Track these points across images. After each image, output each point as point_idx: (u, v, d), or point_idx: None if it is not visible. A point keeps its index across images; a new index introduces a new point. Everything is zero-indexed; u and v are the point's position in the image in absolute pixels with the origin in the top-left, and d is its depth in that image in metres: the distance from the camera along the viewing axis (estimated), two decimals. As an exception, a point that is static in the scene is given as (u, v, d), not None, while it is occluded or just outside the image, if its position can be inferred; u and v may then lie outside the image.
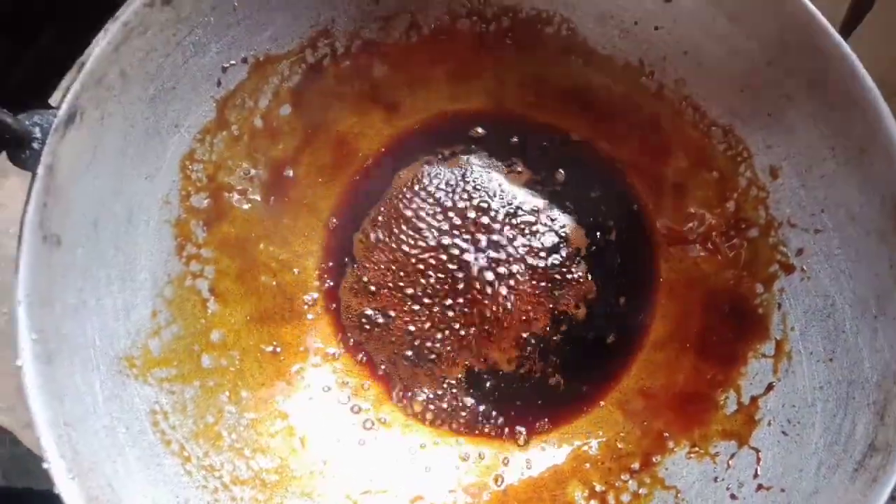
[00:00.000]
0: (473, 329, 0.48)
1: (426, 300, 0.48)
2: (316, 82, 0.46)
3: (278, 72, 0.45)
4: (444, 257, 0.48)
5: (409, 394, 0.48)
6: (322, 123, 0.48)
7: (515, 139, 0.50)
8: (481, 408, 0.47)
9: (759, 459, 0.40)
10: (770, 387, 0.42)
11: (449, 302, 0.48)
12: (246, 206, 0.46)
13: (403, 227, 0.49)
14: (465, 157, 0.50)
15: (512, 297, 0.48)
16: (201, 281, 0.43)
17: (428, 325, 0.48)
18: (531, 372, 0.48)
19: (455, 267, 0.48)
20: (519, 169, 0.50)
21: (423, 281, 0.48)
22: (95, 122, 0.37)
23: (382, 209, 0.49)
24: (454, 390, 0.48)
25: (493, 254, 0.49)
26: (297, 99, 0.46)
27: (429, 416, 0.47)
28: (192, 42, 0.40)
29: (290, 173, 0.47)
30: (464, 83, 0.49)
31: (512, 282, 0.48)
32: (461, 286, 0.48)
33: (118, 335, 0.39)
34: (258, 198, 0.46)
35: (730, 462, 0.41)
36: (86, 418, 0.35)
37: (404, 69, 0.48)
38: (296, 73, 0.45)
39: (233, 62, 0.42)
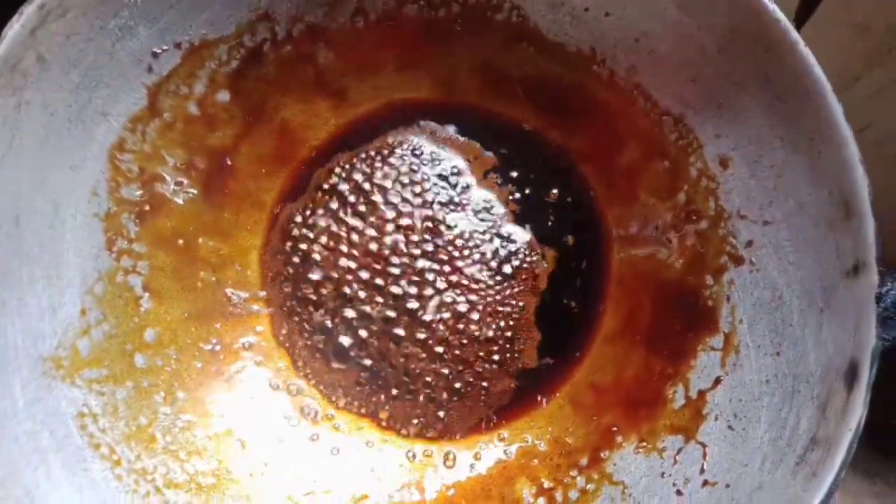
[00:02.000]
0: (419, 328, 0.47)
1: (371, 299, 0.47)
2: (256, 68, 0.44)
3: (215, 57, 0.43)
4: (388, 252, 0.47)
5: (353, 393, 0.47)
6: (263, 111, 0.46)
7: (465, 129, 0.49)
8: (429, 405, 0.47)
9: (705, 454, 0.40)
10: (718, 381, 0.41)
11: (394, 300, 0.47)
12: (182, 199, 0.44)
13: (350, 221, 0.48)
14: (413, 147, 0.49)
15: (457, 291, 0.47)
16: (134, 277, 0.42)
17: (373, 324, 0.47)
18: (476, 368, 0.47)
19: (401, 262, 0.47)
20: (469, 159, 0.49)
21: (366, 278, 0.47)
22: (11, 111, 0.35)
23: (328, 202, 0.48)
24: (400, 389, 0.47)
25: (438, 247, 0.47)
26: (235, 85, 0.44)
27: (375, 415, 0.46)
28: (118, 25, 0.38)
29: (230, 163, 0.45)
30: (412, 71, 0.48)
31: (457, 276, 0.47)
32: (406, 281, 0.47)
33: (43, 335, 0.37)
34: (195, 190, 0.44)
35: (677, 457, 0.41)
36: (3, 423, 0.34)
37: (350, 56, 0.46)
38: (234, 58, 0.43)
39: (165, 47, 0.41)
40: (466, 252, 0.48)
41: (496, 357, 0.47)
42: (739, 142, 0.41)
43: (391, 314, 0.47)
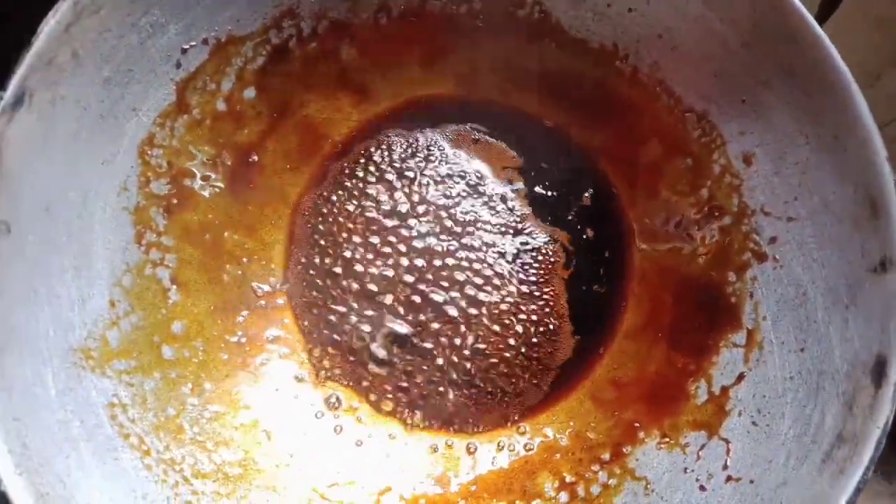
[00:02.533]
0: (443, 322, 0.47)
1: (394, 292, 0.47)
2: (281, 65, 0.45)
3: (241, 53, 0.43)
4: (410, 247, 0.48)
5: (379, 386, 0.47)
6: (288, 108, 0.46)
7: (487, 125, 0.49)
8: (451, 398, 0.47)
9: (728, 450, 0.40)
10: (741, 377, 0.41)
11: (417, 294, 0.47)
12: (209, 193, 0.44)
13: (372, 216, 0.48)
14: (435, 144, 0.49)
15: (480, 285, 0.47)
16: (162, 270, 0.42)
17: (399, 317, 0.47)
18: (501, 363, 0.47)
19: (424, 256, 0.47)
20: (490, 154, 0.49)
21: (389, 273, 0.47)
22: (46, 105, 0.36)
23: (350, 197, 0.48)
24: (424, 382, 0.47)
25: (459, 242, 0.48)
26: (261, 82, 0.45)
27: (398, 408, 0.46)
28: (148, 22, 0.38)
29: (256, 159, 0.46)
30: (434, 67, 0.48)
31: (479, 271, 0.48)
32: (430, 275, 0.47)
33: (73, 326, 0.37)
34: (222, 184, 0.45)
35: (700, 453, 0.41)
36: (37, 412, 0.34)
37: (373, 52, 0.47)
38: (260, 54, 0.44)
39: (193, 43, 0.41)
40: (487, 248, 0.48)
41: (522, 351, 0.47)
42: (763, 138, 0.41)
43: (414, 307, 0.47)
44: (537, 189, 0.49)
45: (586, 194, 0.49)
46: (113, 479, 0.36)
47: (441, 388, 0.47)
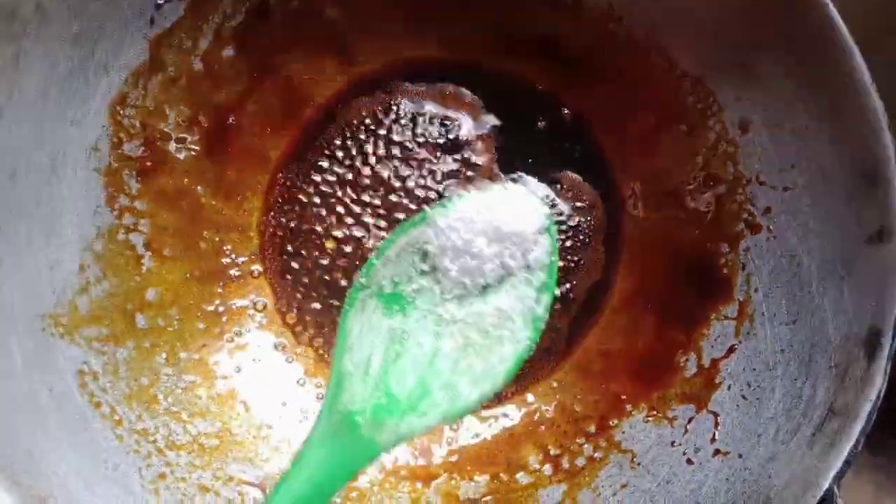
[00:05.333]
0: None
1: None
2: (262, 23, 0.43)
3: (219, 10, 0.42)
4: (390, 213, 0.46)
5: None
6: (269, 68, 0.45)
7: (476, 89, 0.48)
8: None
9: (717, 424, 0.39)
10: (732, 349, 0.41)
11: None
12: (184, 156, 0.43)
13: (353, 181, 0.47)
14: (420, 107, 0.48)
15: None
16: (135, 235, 0.41)
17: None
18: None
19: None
20: (477, 119, 0.48)
21: (368, 241, 0.46)
22: (9, 60, 0.34)
23: (331, 162, 0.47)
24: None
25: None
26: (241, 40, 0.43)
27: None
28: (119, -26, 0.37)
29: (234, 121, 0.44)
30: (421, 28, 0.46)
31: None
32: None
33: (41, 292, 0.36)
34: (198, 147, 0.43)
35: (688, 426, 0.41)
36: (1, 381, 0.33)
37: (358, 12, 0.45)
38: (239, 11, 0.42)
39: (167, -2, 0.39)
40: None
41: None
42: (761, 105, 0.40)
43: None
44: (528, 157, 0.48)
45: (578, 162, 0.47)
46: (82, 450, 0.35)
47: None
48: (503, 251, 0.35)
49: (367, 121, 0.47)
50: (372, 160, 0.47)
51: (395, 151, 0.47)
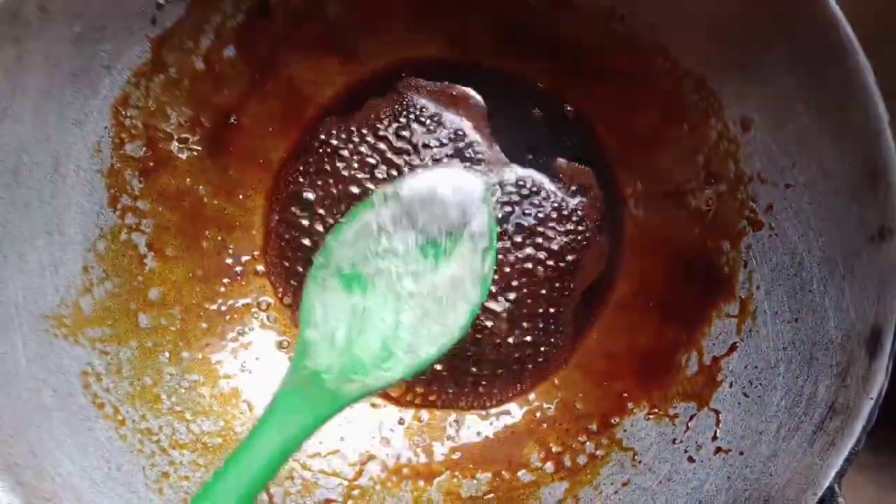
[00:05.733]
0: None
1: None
2: (263, 22, 0.43)
3: (221, 9, 0.42)
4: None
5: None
6: (271, 68, 0.45)
7: (478, 88, 0.48)
8: (434, 374, 0.46)
9: (718, 422, 0.39)
10: (733, 347, 0.41)
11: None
12: (186, 156, 0.43)
13: (355, 179, 0.47)
14: (423, 107, 0.48)
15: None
16: (138, 235, 0.41)
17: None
18: (488, 336, 0.47)
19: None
20: (479, 118, 0.48)
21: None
22: (13, 61, 0.34)
23: (333, 161, 0.47)
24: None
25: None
26: (242, 40, 0.43)
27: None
28: (121, -26, 0.37)
29: (236, 121, 0.44)
30: (423, 27, 0.46)
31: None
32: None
33: (45, 292, 0.36)
34: (200, 147, 0.43)
35: (689, 424, 0.41)
36: (6, 381, 0.33)
37: (360, 11, 0.45)
38: (240, 10, 0.42)
39: (169, -2, 0.39)
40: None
41: (515, 321, 0.46)
42: (762, 103, 0.40)
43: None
44: (529, 156, 0.48)
45: (579, 160, 0.47)
46: (85, 450, 0.35)
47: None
48: (449, 220, 0.38)
49: (369, 120, 0.47)
50: (374, 159, 0.47)
51: (398, 150, 0.47)
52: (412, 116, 0.47)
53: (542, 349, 0.46)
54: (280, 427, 0.33)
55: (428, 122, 0.47)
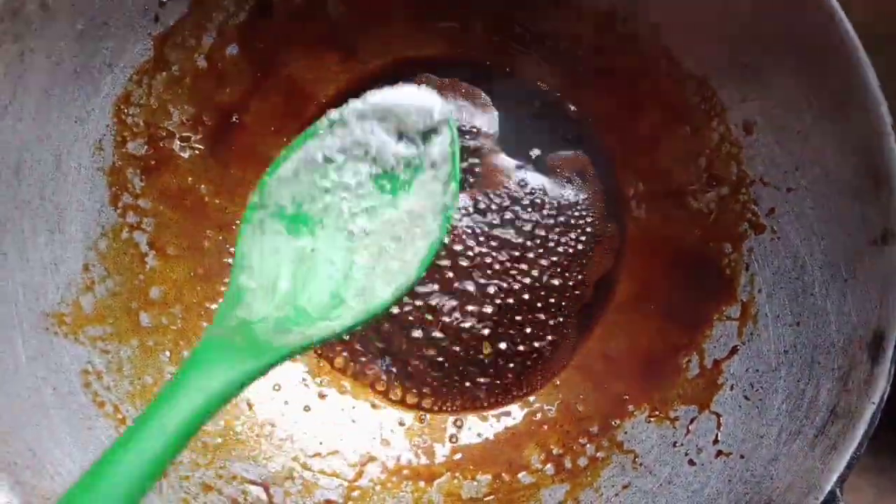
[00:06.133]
0: (427, 297, 0.46)
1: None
2: (265, 20, 0.43)
3: (223, 7, 0.42)
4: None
5: (363, 358, 0.46)
6: (273, 66, 0.45)
7: (480, 87, 0.48)
8: (436, 375, 0.46)
9: (719, 425, 0.39)
10: (734, 350, 0.41)
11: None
12: (188, 155, 0.43)
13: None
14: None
15: (464, 261, 0.46)
16: (139, 233, 0.41)
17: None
18: (491, 337, 0.46)
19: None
20: (483, 119, 0.48)
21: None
22: (15, 58, 0.34)
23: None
24: (409, 356, 0.46)
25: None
26: (244, 38, 0.43)
27: (382, 377, 0.46)
28: (122, -29, 0.37)
29: (238, 119, 0.44)
30: (426, 27, 0.46)
31: (472, 242, 0.46)
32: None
33: (45, 290, 0.36)
34: (202, 146, 0.43)
35: (689, 427, 0.40)
36: (6, 379, 0.33)
37: (361, 10, 0.45)
38: (243, 9, 0.42)
39: (171, -5, 0.39)
40: (472, 215, 0.46)
41: (517, 323, 0.46)
42: (765, 106, 0.40)
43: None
44: (532, 157, 0.48)
45: (582, 162, 0.47)
46: (85, 448, 0.35)
47: (428, 367, 0.46)
48: (406, 146, 0.33)
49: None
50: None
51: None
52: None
53: (545, 350, 0.46)
54: (202, 382, 0.28)
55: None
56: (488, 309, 0.46)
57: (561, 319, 0.46)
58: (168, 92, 0.41)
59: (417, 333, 0.46)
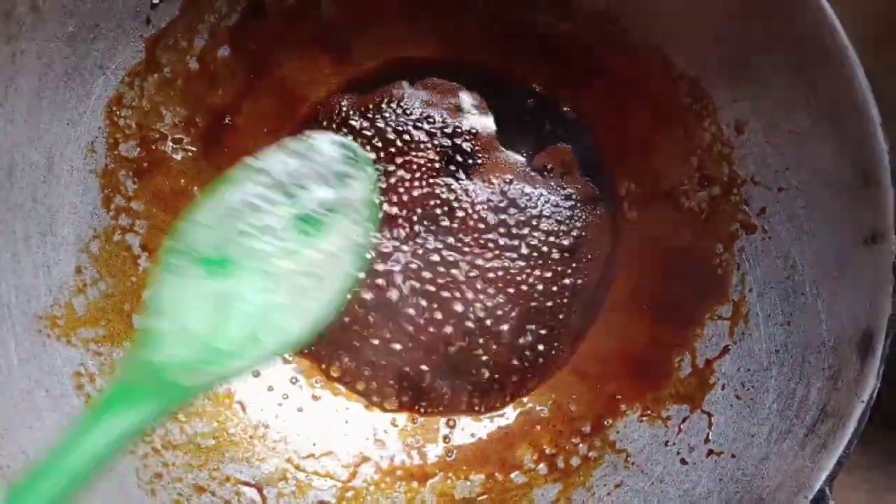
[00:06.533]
0: (420, 297, 0.46)
1: (370, 262, 0.46)
2: (258, 22, 0.43)
3: (215, 9, 0.42)
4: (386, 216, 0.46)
5: (355, 360, 0.46)
6: (265, 68, 0.45)
7: (474, 89, 0.48)
8: (429, 379, 0.46)
9: (710, 424, 0.40)
10: (726, 350, 0.41)
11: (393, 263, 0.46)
12: (181, 157, 0.43)
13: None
14: (415, 107, 0.48)
15: (460, 257, 0.46)
16: (132, 236, 0.41)
17: (372, 289, 0.46)
18: (487, 339, 0.46)
19: (400, 224, 0.46)
20: (477, 120, 0.48)
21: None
22: (6, 60, 0.34)
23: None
24: (401, 359, 0.46)
25: (439, 212, 0.46)
26: (236, 40, 0.43)
27: (375, 380, 0.46)
28: (113, -27, 0.37)
29: (230, 121, 0.44)
30: (418, 28, 0.46)
31: (456, 242, 0.46)
32: (406, 246, 0.46)
33: (38, 293, 0.36)
34: (194, 148, 0.43)
35: (681, 426, 0.41)
36: (-2, 381, 0.33)
37: (354, 11, 0.45)
38: (235, 10, 0.42)
39: (162, -3, 0.39)
40: (466, 216, 0.47)
41: (512, 325, 0.46)
42: (756, 106, 0.40)
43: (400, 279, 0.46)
44: (521, 154, 0.48)
45: (575, 163, 0.47)
46: (79, 451, 0.35)
47: (424, 369, 0.46)
48: (327, 191, 0.35)
49: (364, 121, 0.47)
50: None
51: (393, 151, 0.47)
52: (406, 117, 0.47)
53: (538, 352, 0.46)
54: (107, 426, 0.29)
55: (423, 122, 0.47)
56: (480, 311, 0.46)
57: (553, 321, 0.46)
58: (160, 94, 0.41)
59: (408, 337, 0.46)
